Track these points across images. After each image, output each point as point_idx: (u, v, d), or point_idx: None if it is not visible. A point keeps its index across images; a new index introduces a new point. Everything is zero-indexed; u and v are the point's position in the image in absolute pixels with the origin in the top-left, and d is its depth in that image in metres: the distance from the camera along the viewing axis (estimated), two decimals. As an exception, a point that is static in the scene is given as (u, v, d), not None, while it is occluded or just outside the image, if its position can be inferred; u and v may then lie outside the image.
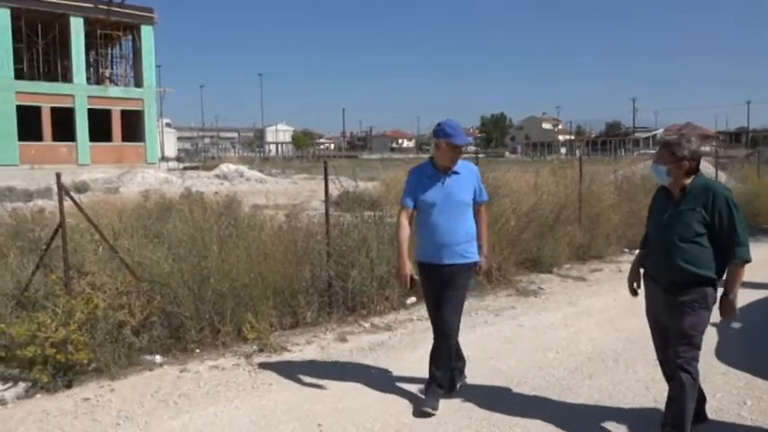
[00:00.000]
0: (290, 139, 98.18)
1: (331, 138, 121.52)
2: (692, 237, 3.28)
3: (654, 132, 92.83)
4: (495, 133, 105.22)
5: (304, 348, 5.37)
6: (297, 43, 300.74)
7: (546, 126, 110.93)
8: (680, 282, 3.34)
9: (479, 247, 4.18)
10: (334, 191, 7.33)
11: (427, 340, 4.30)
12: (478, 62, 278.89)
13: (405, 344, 5.51)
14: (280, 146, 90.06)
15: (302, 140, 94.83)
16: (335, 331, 5.79)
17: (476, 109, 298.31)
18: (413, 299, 6.59)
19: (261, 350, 5.21)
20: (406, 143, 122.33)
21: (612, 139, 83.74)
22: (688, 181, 3.36)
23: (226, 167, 33.92)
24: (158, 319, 5.17)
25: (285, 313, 5.82)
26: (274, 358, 5.11)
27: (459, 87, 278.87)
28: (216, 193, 9.81)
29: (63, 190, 5.07)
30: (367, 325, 5.99)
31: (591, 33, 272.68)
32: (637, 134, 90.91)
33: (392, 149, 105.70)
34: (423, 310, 6.12)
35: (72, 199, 5.18)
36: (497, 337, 5.70)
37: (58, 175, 5.16)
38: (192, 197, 11.34)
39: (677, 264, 3.32)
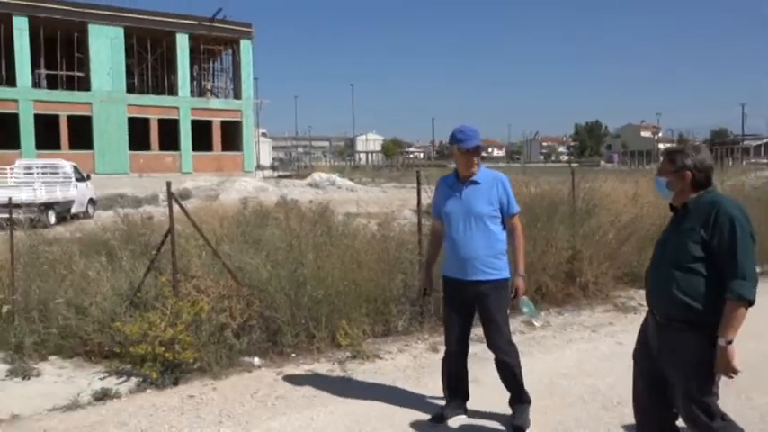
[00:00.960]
0: (379, 148, 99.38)
1: (420, 147, 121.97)
2: (688, 262, 2.71)
3: (766, 140, 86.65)
4: (589, 142, 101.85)
5: (396, 356, 5.41)
6: (387, 52, 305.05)
7: (645, 134, 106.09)
8: (676, 317, 2.76)
9: (513, 264, 3.91)
10: (426, 200, 7.34)
11: (522, 353, 4.20)
12: (573, 68, 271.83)
13: (497, 357, 5.42)
14: (369, 155, 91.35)
15: (392, 149, 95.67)
16: (427, 341, 5.78)
17: (570, 117, 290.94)
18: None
19: (354, 356, 5.29)
20: (496, 152, 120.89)
21: (719, 148, 78.67)
22: (694, 196, 2.81)
23: (318, 176, 34.84)
24: (257, 322, 5.37)
25: (377, 321, 5.88)
26: (367, 365, 5.17)
27: (553, 95, 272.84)
28: (310, 201, 10.06)
29: (172, 198, 5.38)
30: (458, 336, 5.94)
31: (694, 34, 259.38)
32: (746, 142, 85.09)
33: (482, 158, 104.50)
34: (516, 323, 6.02)
35: (181, 206, 5.48)
36: (595, 355, 5.50)
37: (168, 184, 5.49)
38: (287, 205, 11.71)
39: (670, 293, 2.75)
